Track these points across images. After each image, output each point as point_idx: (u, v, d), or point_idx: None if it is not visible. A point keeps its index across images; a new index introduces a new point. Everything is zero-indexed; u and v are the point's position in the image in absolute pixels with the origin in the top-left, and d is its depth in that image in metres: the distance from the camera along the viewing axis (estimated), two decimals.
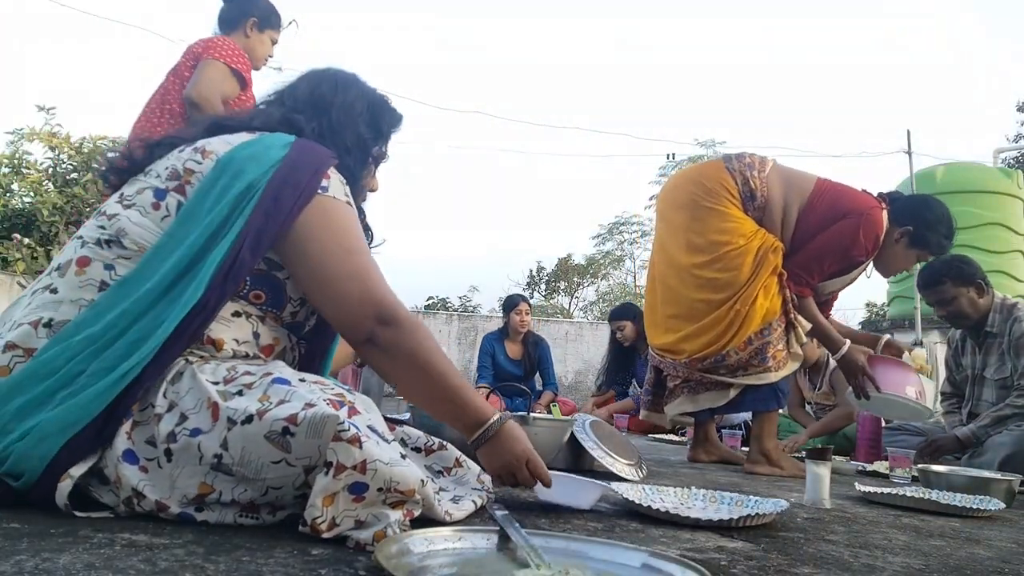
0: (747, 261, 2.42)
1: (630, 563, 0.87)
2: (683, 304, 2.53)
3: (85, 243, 1.05)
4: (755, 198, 2.49)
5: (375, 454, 0.88)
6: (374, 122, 1.31)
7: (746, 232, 2.46)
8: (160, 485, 0.93)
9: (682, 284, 2.54)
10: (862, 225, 2.41)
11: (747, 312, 2.40)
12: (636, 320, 4.89)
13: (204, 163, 1.09)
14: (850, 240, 2.41)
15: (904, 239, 2.52)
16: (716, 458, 2.77)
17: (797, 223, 2.49)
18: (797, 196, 2.51)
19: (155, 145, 1.17)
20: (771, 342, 2.42)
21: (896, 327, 7.29)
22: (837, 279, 2.57)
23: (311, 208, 1.07)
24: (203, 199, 1.05)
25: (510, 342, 5.26)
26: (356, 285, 1.07)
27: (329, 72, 1.32)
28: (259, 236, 1.03)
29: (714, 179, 2.52)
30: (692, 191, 2.55)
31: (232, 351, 1.08)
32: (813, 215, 2.47)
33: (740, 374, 2.45)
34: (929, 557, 1.17)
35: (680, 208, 2.58)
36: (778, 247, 2.45)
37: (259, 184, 1.05)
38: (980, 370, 3.02)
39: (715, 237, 2.46)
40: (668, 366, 2.63)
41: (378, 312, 1.07)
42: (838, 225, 2.42)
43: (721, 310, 2.43)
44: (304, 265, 1.08)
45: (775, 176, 2.54)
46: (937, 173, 7.09)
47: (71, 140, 6.91)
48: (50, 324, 0.99)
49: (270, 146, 1.10)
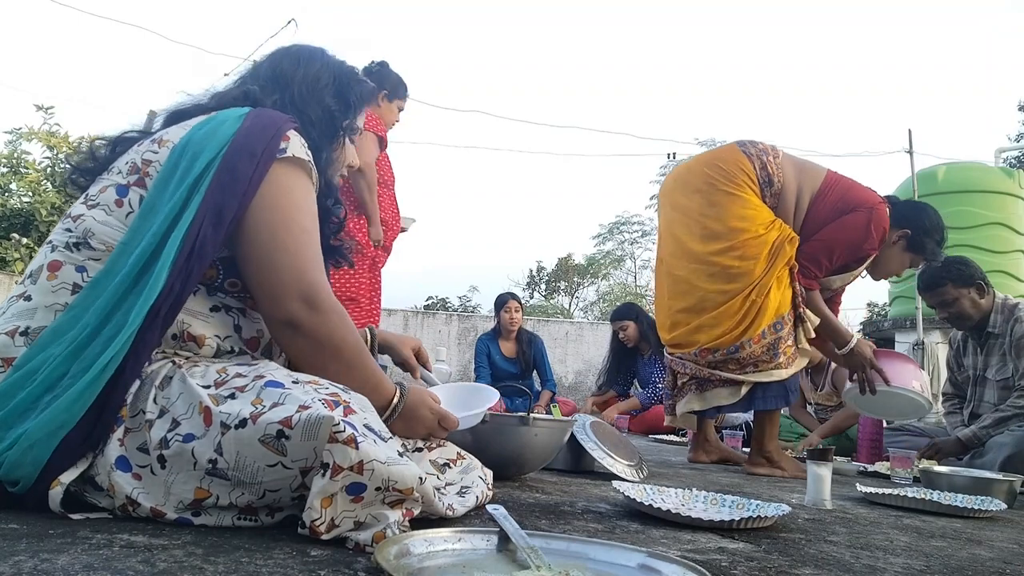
0: (765, 251, 2.35)
1: (630, 564, 0.87)
2: (695, 295, 2.43)
3: (55, 247, 1.05)
4: (772, 184, 2.44)
5: (372, 454, 0.87)
6: (341, 94, 1.28)
7: (765, 220, 2.40)
8: (154, 492, 0.92)
9: (694, 274, 2.44)
10: (872, 219, 2.39)
11: (762, 303, 2.33)
12: (639, 320, 4.89)
13: (161, 152, 1.08)
14: (863, 232, 2.39)
15: (901, 241, 2.53)
16: (716, 458, 2.77)
17: (808, 212, 2.45)
18: (809, 185, 2.47)
19: (117, 142, 1.16)
20: (783, 337, 2.36)
21: (898, 327, 7.29)
22: (839, 275, 2.53)
23: (269, 175, 1.06)
24: (164, 188, 1.05)
25: (503, 340, 5.30)
26: (287, 259, 1.06)
27: (292, 48, 1.30)
28: (219, 210, 1.02)
29: (732, 162, 2.44)
30: (710, 175, 2.45)
31: (216, 346, 1.07)
32: (824, 205, 2.43)
33: (750, 370, 2.39)
34: (930, 558, 1.17)
35: (695, 192, 2.48)
36: (795, 239, 2.40)
37: (216, 160, 1.04)
38: (982, 371, 3.02)
39: (735, 224, 2.38)
40: (678, 362, 2.56)
41: (305, 293, 1.06)
42: (849, 217, 2.39)
43: (736, 300, 2.35)
44: (248, 233, 1.06)
45: (788, 163, 2.50)
46: (938, 173, 7.08)
47: (70, 139, 6.91)
48: (27, 332, 0.98)
49: (224, 120, 1.09)
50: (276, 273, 1.05)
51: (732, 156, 2.47)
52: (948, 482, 2.05)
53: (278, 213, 1.07)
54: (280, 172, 1.08)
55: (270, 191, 1.07)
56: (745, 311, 2.35)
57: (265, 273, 1.06)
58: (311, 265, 1.08)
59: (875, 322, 8.65)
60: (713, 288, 2.39)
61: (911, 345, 6.88)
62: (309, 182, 1.14)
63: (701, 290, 2.42)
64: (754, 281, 2.35)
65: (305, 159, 1.12)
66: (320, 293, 1.07)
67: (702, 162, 2.55)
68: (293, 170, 1.10)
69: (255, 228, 1.06)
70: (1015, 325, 2.87)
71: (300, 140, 1.13)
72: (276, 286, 1.06)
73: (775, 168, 2.45)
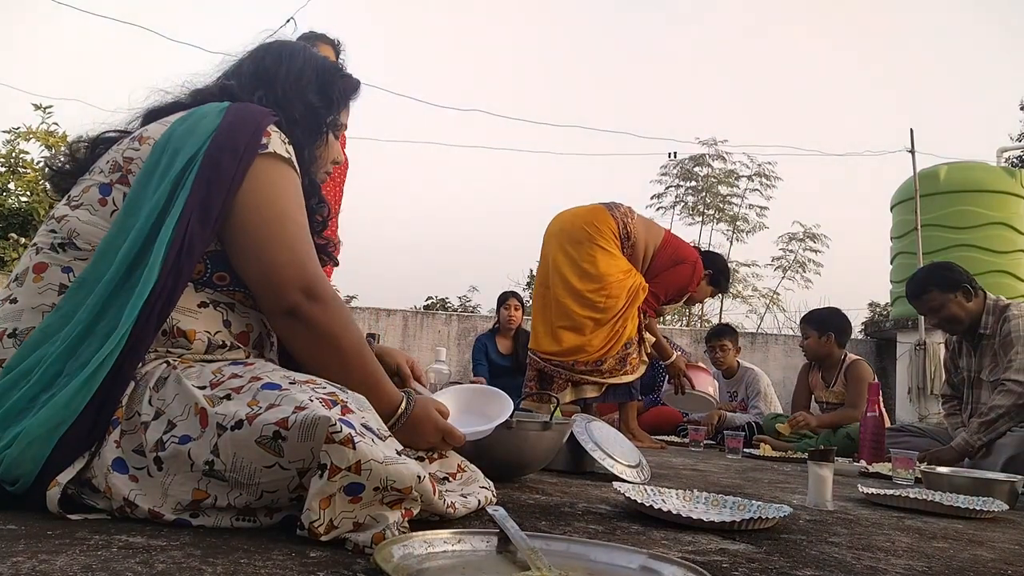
0: (624, 291, 3.28)
1: (631, 565, 0.86)
2: (572, 319, 3.31)
3: (40, 249, 1.05)
4: (629, 238, 3.38)
5: (369, 454, 0.87)
6: (324, 90, 1.27)
7: (624, 268, 3.33)
8: (152, 494, 0.92)
9: (573, 303, 3.31)
10: (695, 270, 3.47)
11: (621, 331, 3.29)
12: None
13: (142, 149, 1.08)
14: (688, 279, 3.46)
15: (705, 279, 3.65)
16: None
17: (651, 261, 3.44)
18: (653, 241, 3.46)
19: (97, 142, 1.16)
20: (631, 353, 3.34)
21: (899, 327, 7.28)
22: (668, 306, 3.62)
23: (253, 169, 1.06)
24: (146, 184, 1.04)
25: (501, 337, 5.36)
26: (286, 253, 1.06)
27: (274, 45, 1.29)
28: (206, 206, 1.02)
29: (603, 222, 3.34)
30: (587, 231, 3.34)
31: (207, 341, 1.07)
32: (662, 257, 3.44)
33: (608, 376, 3.31)
34: (932, 559, 1.16)
35: (578, 243, 3.35)
36: (646, 287, 3.35)
37: (198, 156, 1.03)
38: (977, 372, 3.02)
39: (604, 270, 3.28)
40: (552, 370, 3.37)
41: (305, 285, 1.06)
42: (679, 267, 3.44)
43: (605, 327, 3.27)
44: (239, 227, 1.06)
45: (640, 223, 3.45)
46: (940, 172, 7.07)
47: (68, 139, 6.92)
48: (15, 334, 0.98)
49: (204, 115, 1.09)
50: (276, 266, 1.06)
51: (603, 217, 3.36)
52: (949, 483, 2.05)
53: (272, 207, 1.07)
54: (265, 166, 1.08)
55: (259, 186, 1.07)
56: (610, 336, 3.28)
57: (264, 266, 1.06)
58: (309, 257, 1.08)
59: (877, 322, 8.64)
60: (585, 315, 3.29)
61: (913, 345, 6.87)
62: (295, 175, 1.14)
63: (577, 315, 3.30)
64: (616, 313, 3.27)
65: (286, 156, 1.12)
66: (320, 283, 1.08)
67: (581, 218, 3.40)
68: (278, 163, 1.10)
69: (249, 223, 1.06)
70: (1003, 325, 2.86)
71: (280, 136, 1.13)
72: (277, 279, 1.06)
73: (632, 227, 3.39)
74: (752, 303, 14.26)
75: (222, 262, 1.09)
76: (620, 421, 3.48)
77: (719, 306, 13.10)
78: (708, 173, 13.88)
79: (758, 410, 4.53)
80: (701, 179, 13.93)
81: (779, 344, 8.43)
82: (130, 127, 1.19)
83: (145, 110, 1.20)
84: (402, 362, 1.40)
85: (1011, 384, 2.72)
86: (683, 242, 3.63)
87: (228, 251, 1.09)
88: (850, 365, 3.90)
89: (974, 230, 6.71)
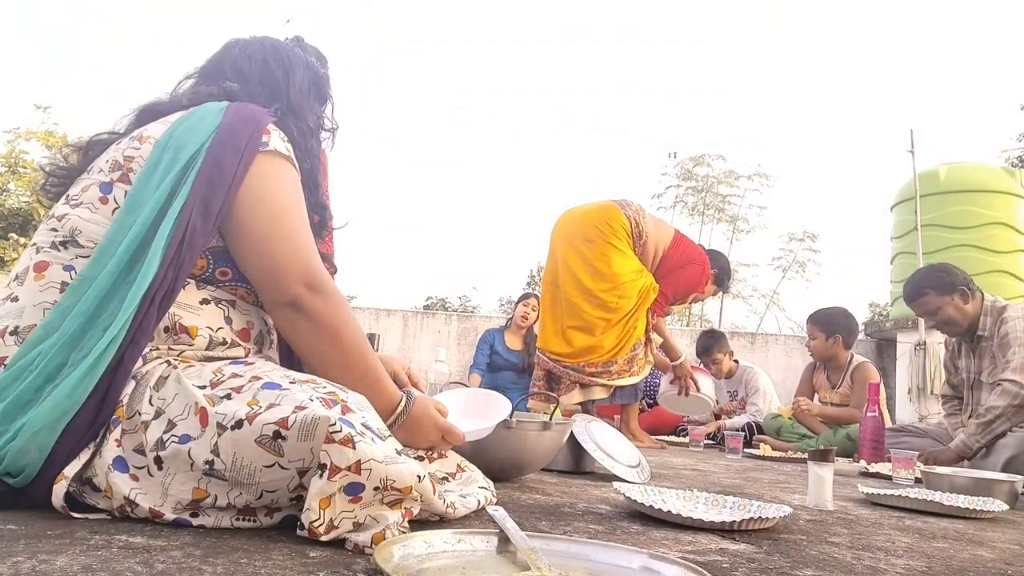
0: (635, 291, 3.25)
1: (631, 565, 0.86)
2: (583, 318, 3.26)
3: (40, 248, 1.05)
4: (641, 237, 3.33)
5: (369, 454, 0.87)
6: (320, 94, 1.32)
7: (636, 268, 3.30)
8: (152, 493, 0.92)
9: (584, 302, 3.26)
10: (704, 270, 3.45)
11: (632, 331, 3.26)
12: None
13: (143, 147, 1.09)
14: (696, 280, 3.43)
15: (710, 278, 3.58)
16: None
17: (661, 261, 3.39)
18: (663, 241, 3.41)
19: (89, 145, 1.17)
20: (638, 354, 3.31)
21: (899, 327, 7.28)
22: (676, 305, 3.60)
23: (254, 167, 1.07)
24: (148, 181, 1.05)
25: (510, 333, 5.32)
26: (288, 246, 1.07)
27: (270, 49, 1.30)
28: (207, 202, 1.03)
29: (615, 220, 3.29)
30: (600, 229, 3.28)
31: (208, 337, 1.08)
32: (672, 256, 3.39)
33: (616, 377, 3.27)
34: (932, 559, 1.16)
35: (589, 242, 3.29)
36: (656, 287, 3.32)
37: (200, 153, 1.05)
38: (976, 374, 3.02)
39: (616, 269, 3.24)
40: (561, 371, 3.32)
41: (307, 277, 1.07)
42: (688, 268, 3.40)
43: (616, 327, 3.23)
44: (240, 222, 1.07)
45: (651, 221, 3.40)
46: (940, 172, 7.06)
47: (68, 139, 6.92)
48: (16, 331, 0.99)
49: (205, 115, 1.10)
50: (277, 259, 1.07)
51: (616, 215, 3.30)
52: (950, 483, 2.05)
53: (273, 202, 1.09)
54: (266, 163, 1.09)
55: (260, 182, 1.08)
56: (621, 336, 3.25)
57: (266, 259, 1.07)
58: (310, 251, 1.10)
59: (876, 322, 8.63)
60: (596, 314, 3.24)
61: (913, 345, 6.86)
62: (295, 172, 1.15)
63: (588, 314, 3.25)
64: (627, 313, 3.24)
65: (286, 153, 1.13)
66: (321, 276, 1.09)
67: (593, 216, 3.34)
68: (278, 160, 1.12)
69: (250, 218, 1.07)
70: (1001, 326, 2.86)
71: (280, 135, 1.14)
72: (278, 271, 1.07)
73: (644, 226, 3.34)
74: (752, 303, 14.27)
75: (224, 258, 1.10)
76: (621, 422, 3.45)
77: (719, 306, 13.12)
78: (708, 173, 13.90)
79: (756, 407, 4.53)
80: (701, 179, 13.94)
81: (779, 344, 8.43)
82: (117, 127, 1.20)
83: (138, 109, 1.21)
84: (399, 369, 1.41)
85: (1007, 384, 2.72)
86: (692, 242, 3.55)
87: (230, 246, 1.10)
88: (857, 367, 3.89)
89: (974, 230, 6.70)
